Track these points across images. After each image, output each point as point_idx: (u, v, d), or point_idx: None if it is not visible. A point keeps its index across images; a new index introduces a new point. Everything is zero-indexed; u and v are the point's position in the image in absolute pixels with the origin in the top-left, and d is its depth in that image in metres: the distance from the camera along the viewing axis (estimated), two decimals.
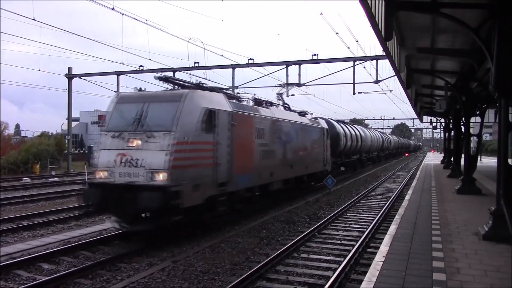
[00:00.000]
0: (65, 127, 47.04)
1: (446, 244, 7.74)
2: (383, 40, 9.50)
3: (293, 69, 24.78)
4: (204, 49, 23.36)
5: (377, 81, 23.66)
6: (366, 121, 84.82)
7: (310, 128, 20.40)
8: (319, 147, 21.78)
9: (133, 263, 8.90)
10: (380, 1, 8.56)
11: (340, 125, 29.87)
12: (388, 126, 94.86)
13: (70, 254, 9.69)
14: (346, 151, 30.32)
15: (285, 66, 24.88)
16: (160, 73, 14.17)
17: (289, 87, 25.70)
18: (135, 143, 10.17)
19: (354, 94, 25.98)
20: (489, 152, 54.20)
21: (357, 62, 23.39)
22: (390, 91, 31.35)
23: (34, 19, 12.42)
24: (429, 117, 45.02)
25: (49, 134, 60.10)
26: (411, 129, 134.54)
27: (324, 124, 23.52)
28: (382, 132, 60.39)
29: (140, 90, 13.04)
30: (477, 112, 18.55)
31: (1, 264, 8.46)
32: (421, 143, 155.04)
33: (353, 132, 32.60)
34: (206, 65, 26.58)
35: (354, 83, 24.82)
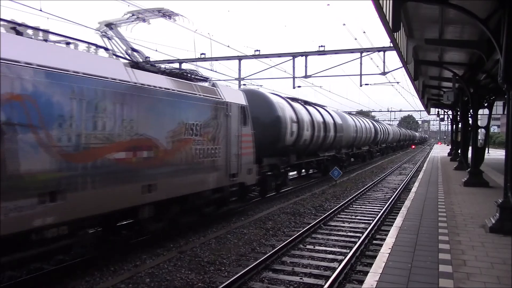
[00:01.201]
0: None
1: (453, 236, 7.72)
2: (391, 31, 9.44)
3: (300, 60, 24.61)
4: (211, 40, 23.28)
5: (384, 73, 23.42)
6: (373, 113, 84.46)
7: (167, 100, 9.42)
8: (214, 141, 11.10)
9: (139, 254, 8.96)
10: None
11: (290, 104, 18.10)
12: (395, 118, 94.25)
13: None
14: (301, 146, 18.89)
15: (291, 57, 24.69)
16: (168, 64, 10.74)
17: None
18: None
19: (361, 85, 25.73)
20: (497, 145, 53.87)
21: (364, 54, 23.13)
22: (397, 82, 31.15)
23: (41, 10, 12.41)
24: (437, 109, 44.76)
25: None
26: (418, 121, 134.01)
27: (233, 97, 12.39)
28: (376, 121, 48.68)
29: None
30: (485, 104, 18.39)
31: None
32: (427, 135, 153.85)
33: (318, 118, 21.25)
34: (212, 56, 26.51)
35: (361, 75, 24.58)
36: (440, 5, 9.13)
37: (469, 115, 20.14)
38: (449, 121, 41.89)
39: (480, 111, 19.09)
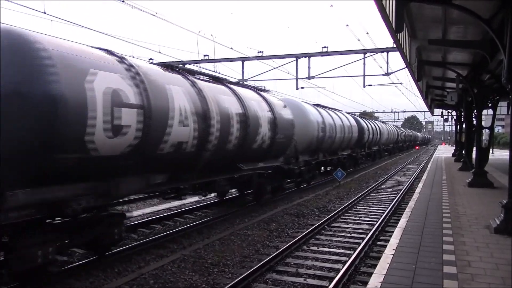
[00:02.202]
0: None
1: (457, 237, 7.70)
2: (394, 32, 9.42)
3: (303, 62, 24.62)
4: (214, 42, 23.35)
5: (387, 74, 23.40)
6: (376, 114, 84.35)
7: None
8: None
9: (144, 255, 8.97)
10: None
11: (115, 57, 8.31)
12: (398, 119, 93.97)
13: None
14: (160, 158, 8.88)
15: (295, 58, 24.71)
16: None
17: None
18: None
19: (364, 86, 25.76)
20: (501, 145, 53.71)
21: (367, 55, 23.13)
22: (401, 83, 30.99)
23: (44, 13, 12.46)
24: (440, 110, 44.68)
25: None
26: (422, 122, 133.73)
27: None
28: (362, 117, 37.76)
29: None
30: (489, 105, 18.35)
31: None
32: (430, 136, 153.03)
33: (210, 102, 10.44)
34: (215, 58, 26.55)
35: (364, 76, 24.61)
36: (443, 5, 9.12)
37: (473, 116, 20.11)
38: (453, 122, 41.80)
39: (484, 112, 19.03)
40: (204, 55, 27.06)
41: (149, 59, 30.93)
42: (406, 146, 72.71)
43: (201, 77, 11.59)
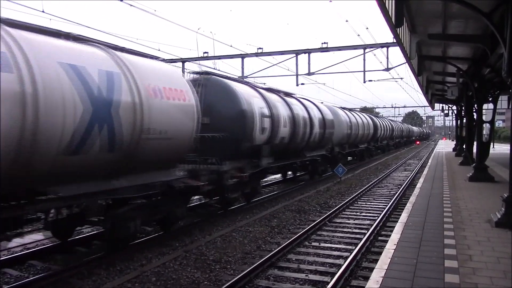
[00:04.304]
0: None
1: (458, 232, 7.70)
2: (394, 26, 9.40)
3: (303, 58, 24.59)
4: (213, 39, 23.33)
5: (387, 69, 23.37)
6: (377, 109, 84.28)
7: None
8: None
9: (145, 253, 8.98)
10: None
11: None
12: (399, 114, 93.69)
13: (84, 244, 9.82)
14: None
15: (294, 55, 24.68)
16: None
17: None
18: None
19: (364, 82, 25.75)
20: (502, 139, 53.67)
21: (367, 50, 23.11)
22: (401, 78, 31.02)
23: (43, 11, 12.45)
24: (441, 105, 44.59)
25: None
26: (423, 117, 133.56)
27: None
28: (278, 92, 16.97)
29: None
30: (490, 99, 18.32)
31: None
32: (430, 131, 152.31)
33: None
34: (215, 55, 26.51)
35: (364, 71, 24.59)
36: None
37: (474, 110, 20.08)
38: (454, 117, 41.73)
39: (485, 106, 19.01)
40: (204, 52, 27.01)
41: None
42: (395, 145, 52.76)
43: None
